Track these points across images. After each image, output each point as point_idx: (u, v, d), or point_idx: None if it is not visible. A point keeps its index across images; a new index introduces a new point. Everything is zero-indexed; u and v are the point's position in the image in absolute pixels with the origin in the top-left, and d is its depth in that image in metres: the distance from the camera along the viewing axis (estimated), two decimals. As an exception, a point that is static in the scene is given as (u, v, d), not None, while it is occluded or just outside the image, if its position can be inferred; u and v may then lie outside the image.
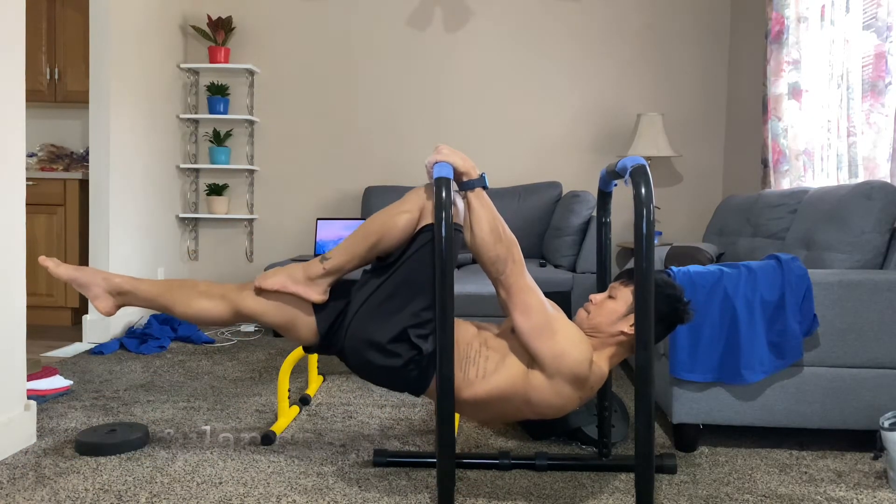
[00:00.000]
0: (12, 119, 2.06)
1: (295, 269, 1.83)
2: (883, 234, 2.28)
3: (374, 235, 1.75)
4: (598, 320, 1.73)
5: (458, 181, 1.67)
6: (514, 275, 1.64)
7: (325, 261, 1.79)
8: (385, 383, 1.76)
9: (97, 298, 1.88)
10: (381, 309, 1.71)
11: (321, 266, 1.79)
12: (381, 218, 1.76)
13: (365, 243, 1.76)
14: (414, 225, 1.75)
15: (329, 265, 1.78)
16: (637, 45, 4.52)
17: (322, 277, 1.80)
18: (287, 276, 1.81)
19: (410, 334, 1.67)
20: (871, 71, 2.61)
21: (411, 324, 1.68)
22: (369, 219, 1.80)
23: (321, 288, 1.81)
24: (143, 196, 4.10)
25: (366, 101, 4.64)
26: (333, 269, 1.79)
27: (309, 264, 1.83)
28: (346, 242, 1.80)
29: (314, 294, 1.80)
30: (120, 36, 3.78)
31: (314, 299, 1.80)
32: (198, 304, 1.85)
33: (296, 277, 1.81)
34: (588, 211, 3.81)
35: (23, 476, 1.88)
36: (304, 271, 1.81)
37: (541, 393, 1.64)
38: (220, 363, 3.27)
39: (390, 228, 1.74)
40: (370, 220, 1.79)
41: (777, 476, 1.97)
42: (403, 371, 1.70)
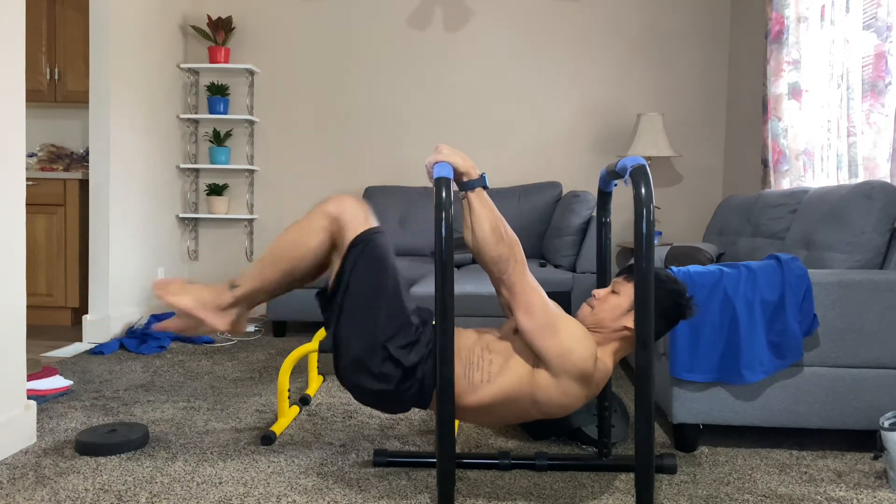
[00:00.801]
0: (12, 119, 2.06)
1: (203, 291, 1.74)
2: (883, 234, 2.28)
3: (285, 262, 1.68)
4: (602, 316, 1.73)
5: (459, 181, 1.67)
6: (517, 274, 1.64)
7: (234, 288, 1.71)
8: (388, 408, 1.72)
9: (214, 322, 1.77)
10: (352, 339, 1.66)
11: (230, 294, 1.72)
12: (290, 239, 1.69)
13: (276, 269, 1.69)
14: (328, 242, 1.69)
15: (239, 293, 1.72)
16: (637, 45, 4.52)
17: (232, 307, 1.74)
18: (195, 299, 1.72)
19: (390, 348, 1.63)
20: (871, 71, 2.61)
21: (387, 337, 1.64)
22: (277, 239, 1.71)
23: (230, 318, 1.74)
24: (143, 196, 4.10)
25: (366, 101, 4.64)
26: (244, 298, 1.73)
27: (218, 292, 1.73)
28: (256, 268, 1.71)
29: (221, 323, 1.73)
30: (120, 36, 3.78)
31: (220, 329, 1.73)
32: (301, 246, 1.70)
33: (204, 302, 1.72)
34: (588, 211, 3.81)
35: (23, 476, 1.88)
36: (214, 297, 1.72)
37: (547, 392, 1.64)
38: (220, 363, 3.27)
39: (302, 252, 1.67)
40: (278, 242, 1.69)
41: (777, 476, 1.97)
42: (399, 390, 1.68)
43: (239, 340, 3.81)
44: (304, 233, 1.69)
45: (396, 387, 1.67)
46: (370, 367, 1.65)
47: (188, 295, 1.73)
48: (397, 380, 1.66)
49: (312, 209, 1.71)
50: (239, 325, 1.78)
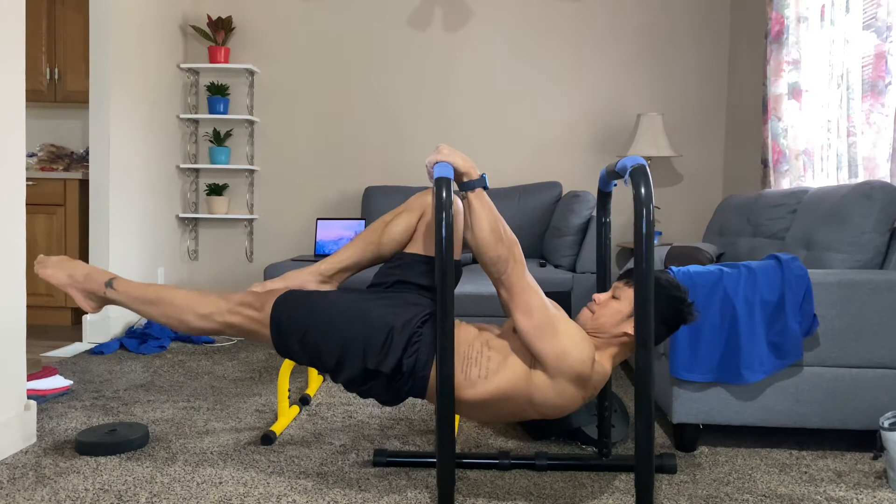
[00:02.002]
0: (12, 119, 2.06)
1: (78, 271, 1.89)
2: (883, 234, 2.28)
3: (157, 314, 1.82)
4: (603, 321, 1.73)
5: (459, 181, 1.67)
6: (516, 275, 1.64)
7: (108, 289, 1.85)
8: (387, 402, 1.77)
9: None
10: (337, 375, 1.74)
11: (103, 291, 1.86)
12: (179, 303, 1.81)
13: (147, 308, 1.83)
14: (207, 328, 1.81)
15: (109, 297, 1.86)
16: (637, 45, 4.52)
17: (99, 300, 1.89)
18: (69, 275, 1.88)
19: (370, 367, 1.68)
20: (871, 71, 2.61)
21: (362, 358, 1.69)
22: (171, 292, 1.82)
23: (94, 305, 1.90)
24: (143, 196, 4.10)
25: (366, 101, 4.64)
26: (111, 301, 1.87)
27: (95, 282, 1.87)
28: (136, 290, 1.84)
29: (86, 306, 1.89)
30: (120, 36, 3.78)
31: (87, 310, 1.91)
32: None
33: (76, 282, 1.88)
34: (588, 211, 3.81)
35: (23, 476, 1.88)
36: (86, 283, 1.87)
37: (543, 393, 1.64)
38: (220, 363, 3.27)
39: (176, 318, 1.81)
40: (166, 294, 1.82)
41: (777, 476, 1.97)
42: (391, 388, 1.72)
43: (239, 340, 3.81)
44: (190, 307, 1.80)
45: (386, 387, 1.72)
46: (360, 385, 1.73)
47: (63, 270, 1.89)
48: (384, 383, 1.71)
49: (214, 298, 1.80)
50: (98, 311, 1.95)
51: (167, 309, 1.81)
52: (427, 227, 1.87)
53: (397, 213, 1.87)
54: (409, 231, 1.87)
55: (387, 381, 1.70)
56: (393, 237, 1.86)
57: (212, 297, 1.80)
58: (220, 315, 1.78)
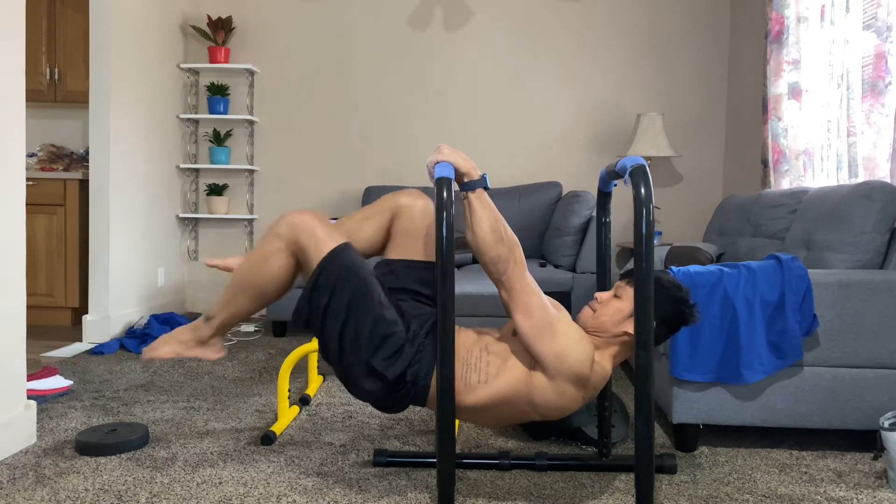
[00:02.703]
0: (12, 119, 2.06)
1: (184, 333, 1.86)
2: (883, 234, 2.28)
3: (251, 289, 1.75)
4: (604, 320, 1.73)
5: (459, 181, 1.67)
6: (516, 275, 1.64)
7: (209, 321, 1.82)
8: (386, 409, 1.76)
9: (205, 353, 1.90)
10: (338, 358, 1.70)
11: (207, 327, 1.83)
12: (250, 266, 1.74)
13: (246, 296, 1.77)
14: (290, 264, 1.73)
15: (215, 324, 1.82)
16: (637, 45, 4.52)
17: (212, 337, 1.85)
18: (178, 343, 1.85)
19: (375, 365, 1.65)
20: (871, 71, 2.61)
21: (370, 353, 1.66)
22: (239, 266, 1.78)
23: (217, 347, 1.86)
24: (143, 196, 4.10)
25: (366, 101, 4.64)
26: (221, 327, 1.83)
27: (196, 328, 1.85)
28: (226, 297, 1.79)
29: (212, 353, 1.86)
30: (120, 36, 3.78)
31: (213, 358, 1.87)
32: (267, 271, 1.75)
33: (187, 343, 1.85)
34: (588, 211, 3.81)
35: (23, 476, 1.88)
36: (194, 334, 1.85)
37: (544, 394, 1.64)
38: (220, 363, 3.27)
39: (266, 277, 1.73)
40: (240, 270, 1.76)
41: (777, 476, 1.97)
42: (393, 397, 1.71)
43: (239, 340, 3.81)
44: (262, 258, 1.74)
45: (388, 394, 1.70)
46: (359, 383, 1.69)
47: (170, 344, 1.86)
48: (387, 389, 1.69)
49: (266, 233, 1.75)
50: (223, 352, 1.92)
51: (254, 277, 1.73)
52: (408, 230, 1.84)
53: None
54: (381, 235, 1.85)
55: (390, 388, 1.68)
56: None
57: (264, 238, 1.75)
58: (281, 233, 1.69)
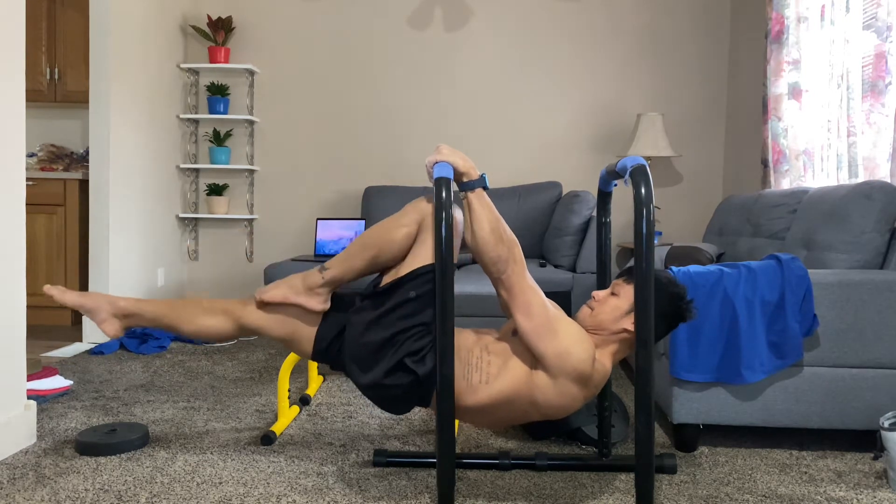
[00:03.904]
0: (12, 119, 2.06)
1: (294, 279, 1.84)
2: (883, 234, 2.28)
3: (372, 249, 1.77)
4: (602, 318, 1.73)
5: (459, 181, 1.67)
6: (516, 275, 1.64)
7: (324, 270, 1.81)
8: (392, 409, 1.76)
9: (104, 322, 1.88)
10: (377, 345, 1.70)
11: (320, 276, 1.81)
12: (379, 231, 1.77)
13: (363, 256, 1.77)
14: (411, 240, 1.75)
15: (328, 275, 1.80)
16: (637, 45, 4.52)
17: (322, 287, 1.82)
18: (288, 286, 1.83)
19: (407, 363, 1.67)
20: (871, 71, 2.61)
21: (408, 352, 1.68)
22: (367, 230, 1.81)
23: (322, 297, 1.82)
24: (143, 196, 4.10)
25: (366, 101, 4.64)
26: (332, 280, 1.81)
27: (308, 275, 1.84)
28: (344, 253, 1.81)
29: (316, 304, 1.82)
30: (120, 36, 3.78)
31: (316, 308, 1.82)
32: (202, 321, 1.87)
33: (296, 288, 1.83)
34: (588, 211, 3.81)
35: (23, 476, 1.88)
36: (304, 281, 1.82)
37: (545, 393, 1.64)
38: (220, 363, 3.27)
39: (388, 242, 1.75)
40: (368, 233, 1.80)
41: (777, 476, 1.97)
42: (407, 395, 1.71)
43: (239, 340, 3.81)
44: (391, 226, 1.76)
45: (405, 392, 1.70)
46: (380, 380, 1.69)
47: (280, 288, 1.84)
48: (406, 387, 1.69)
49: (407, 205, 1.78)
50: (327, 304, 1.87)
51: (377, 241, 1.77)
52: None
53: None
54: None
55: (409, 385, 1.69)
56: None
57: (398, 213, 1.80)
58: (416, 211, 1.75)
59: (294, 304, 1.81)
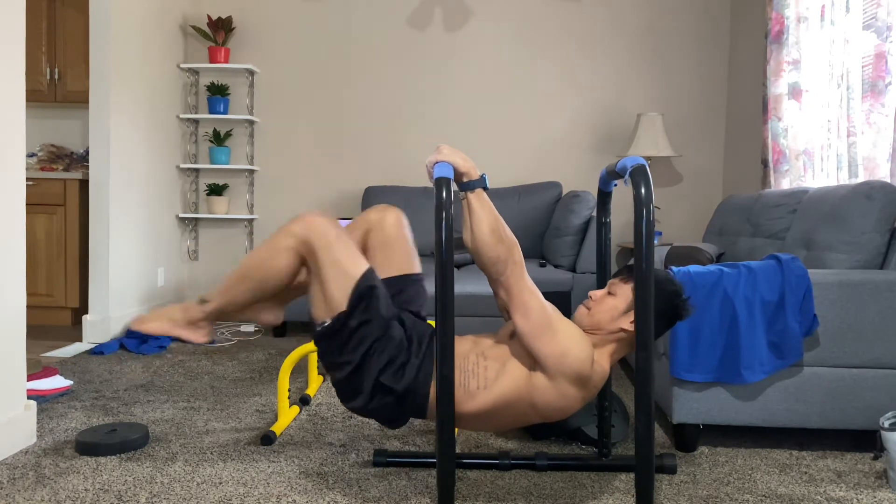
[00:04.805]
0: (12, 119, 2.06)
1: (174, 311, 1.83)
2: (883, 234, 2.28)
3: (252, 280, 1.73)
4: (599, 317, 1.73)
5: (459, 181, 1.67)
6: (514, 276, 1.64)
7: (203, 303, 1.80)
8: (388, 425, 1.75)
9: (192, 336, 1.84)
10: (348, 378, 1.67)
11: (200, 310, 1.80)
12: (257, 261, 1.72)
13: (244, 288, 1.74)
14: (295, 265, 1.71)
15: (208, 309, 1.79)
16: (637, 45, 4.52)
17: (203, 321, 1.82)
18: (168, 319, 1.83)
19: (384, 381, 1.65)
20: (871, 71, 2.61)
21: (379, 370, 1.65)
22: (247, 257, 1.75)
23: (204, 331, 1.83)
24: (143, 196, 4.10)
25: (366, 101, 4.64)
26: (213, 313, 1.80)
27: (188, 307, 1.82)
28: (225, 284, 1.77)
29: (198, 337, 1.82)
30: (120, 36, 3.78)
31: (200, 342, 1.83)
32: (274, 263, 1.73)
33: (176, 321, 1.82)
34: (588, 211, 3.81)
35: (23, 476, 1.88)
36: (184, 314, 1.82)
37: (545, 395, 1.64)
38: (220, 363, 3.27)
39: (270, 271, 1.71)
40: (246, 262, 1.74)
41: (777, 476, 1.97)
42: (397, 411, 1.70)
43: (239, 340, 3.81)
44: (271, 253, 1.71)
45: (396, 408, 1.69)
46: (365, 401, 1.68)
47: (160, 319, 1.83)
48: (396, 402, 1.68)
49: (279, 229, 1.73)
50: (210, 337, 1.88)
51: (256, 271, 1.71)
52: (383, 244, 1.83)
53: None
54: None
55: (396, 401, 1.68)
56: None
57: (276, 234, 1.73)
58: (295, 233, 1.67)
59: (176, 337, 1.81)
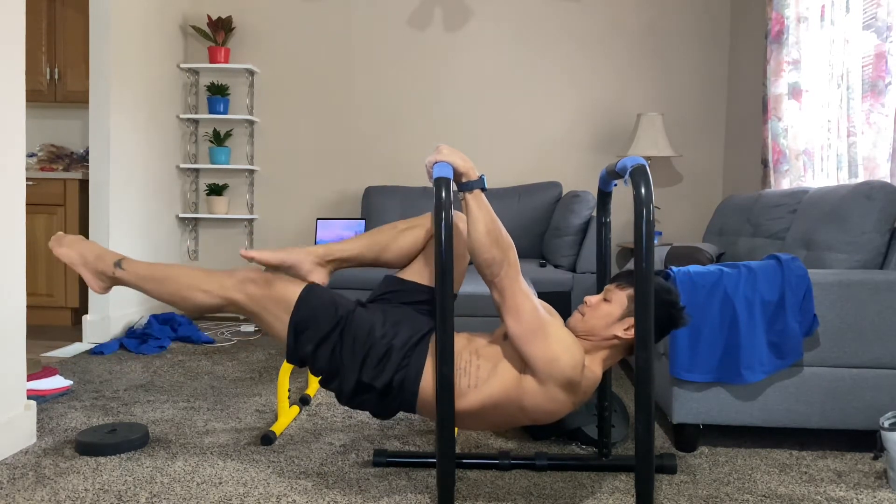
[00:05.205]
0: (12, 119, 2.06)
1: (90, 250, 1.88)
2: (883, 234, 2.28)
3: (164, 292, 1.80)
4: (593, 323, 1.72)
5: (458, 182, 1.67)
6: (508, 279, 1.63)
7: (117, 268, 1.84)
8: (377, 415, 1.77)
9: (311, 273, 1.83)
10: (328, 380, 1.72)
11: (111, 269, 1.84)
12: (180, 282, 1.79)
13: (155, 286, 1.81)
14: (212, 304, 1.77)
15: (118, 275, 1.84)
16: (637, 45, 4.52)
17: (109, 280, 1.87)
18: (80, 254, 1.87)
19: (364, 379, 1.67)
20: (871, 71, 2.61)
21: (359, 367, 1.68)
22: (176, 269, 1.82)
23: (105, 284, 1.88)
24: (143, 196, 4.10)
25: (366, 101, 4.64)
26: (119, 282, 1.85)
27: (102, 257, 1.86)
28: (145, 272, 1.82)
29: (95, 285, 1.88)
30: (120, 36, 3.78)
31: (95, 289, 1.89)
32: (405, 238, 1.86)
33: (87, 261, 1.87)
34: (588, 211, 3.81)
35: (23, 476, 1.88)
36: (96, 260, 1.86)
37: (534, 398, 1.64)
38: (220, 363, 3.27)
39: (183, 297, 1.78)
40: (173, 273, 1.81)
41: (777, 476, 1.97)
42: (382, 403, 1.72)
43: (239, 340, 3.81)
44: (195, 283, 1.78)
45: (378, 402, 1.72)
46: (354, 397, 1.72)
47: (74, 249, 1.88)
48: (377, 398, 1.71)
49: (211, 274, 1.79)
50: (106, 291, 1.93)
51: (173, 286, 1.79)
52: (431, 253, 1.85)
53: (411, 226, 1.85)
54: (418, 246, 1.86)
55: (378, 396, 1.70)
56: (400, 246, 1.84)
57: (217, 273, 1.79)
58: (224, 290, 1.75)
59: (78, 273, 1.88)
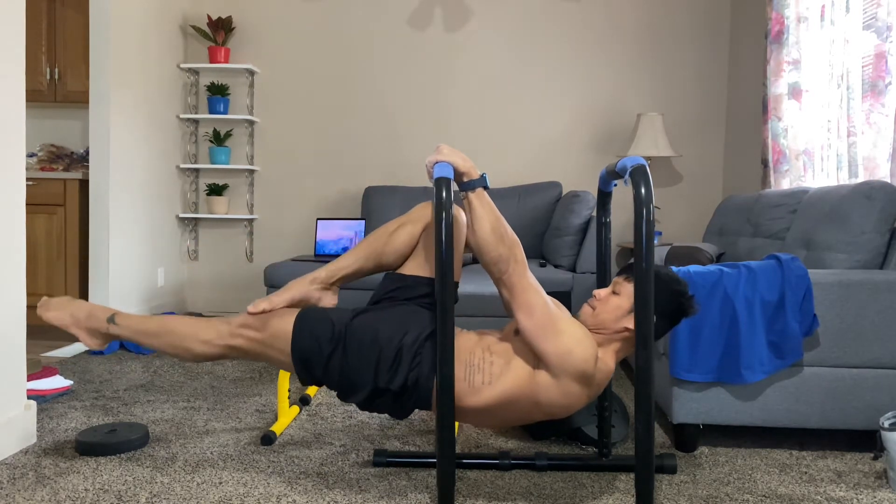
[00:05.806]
0: (12, 119, 2.06)
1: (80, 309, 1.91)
2: (883, 234, 2.28)
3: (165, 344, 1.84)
4: (603, 317, 1.72)
5: (459, 181, 1.67)
6: (517, 275, 1.64)
7: (111, 324, 1.88)
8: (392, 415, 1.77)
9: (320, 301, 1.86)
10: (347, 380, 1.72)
11: (104, 326, 1.88)
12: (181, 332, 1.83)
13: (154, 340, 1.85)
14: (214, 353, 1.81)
15: (111, 331, 1.88)
16: (637, 45, 4.52)
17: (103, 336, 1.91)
18: (70, 315, 1.91)
19: (380, 384, 1.68)
20: (871, 71, 2.61)
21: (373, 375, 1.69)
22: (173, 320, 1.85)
23: (100, 341, 1.93)
24: (143, 196, 4.10)
25: (366, 101, 4.64)
26: (115, 337, 1.89)
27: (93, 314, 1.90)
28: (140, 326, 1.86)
29: (92, 343, 1.92)
30: (120, 36, 3.78)
31: (91, 347, 1.93)
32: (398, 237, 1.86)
33: (78, 320, 1.91)
34: (588, 211, 3.81)
35: (23, 476, 1.88)
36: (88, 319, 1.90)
37: (548, 393, 1.64)
38: (220, 363, 3.27)
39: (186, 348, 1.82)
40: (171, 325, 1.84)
41: (777, 476, 1.97)
42: (399, 403, 1.72)
43: (239, 340, 3.80)
44: (195, 333, 1.81)
45: (394, 403, 1.72)
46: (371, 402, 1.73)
47: (64, 311, 1.92)
48: (393, 399, 1.71)
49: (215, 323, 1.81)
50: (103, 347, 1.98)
51: (170, 339, 1.82)
52: (428, 245, 1.85)
53: (401, 224, 1.85)
54: (413, 242, 1.86)
55: (393, 398, 1.70)
56: (396, 248, 1.84)
57: (213, 322, 1.81)
58: (222, 339, 1.78)
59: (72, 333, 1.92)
